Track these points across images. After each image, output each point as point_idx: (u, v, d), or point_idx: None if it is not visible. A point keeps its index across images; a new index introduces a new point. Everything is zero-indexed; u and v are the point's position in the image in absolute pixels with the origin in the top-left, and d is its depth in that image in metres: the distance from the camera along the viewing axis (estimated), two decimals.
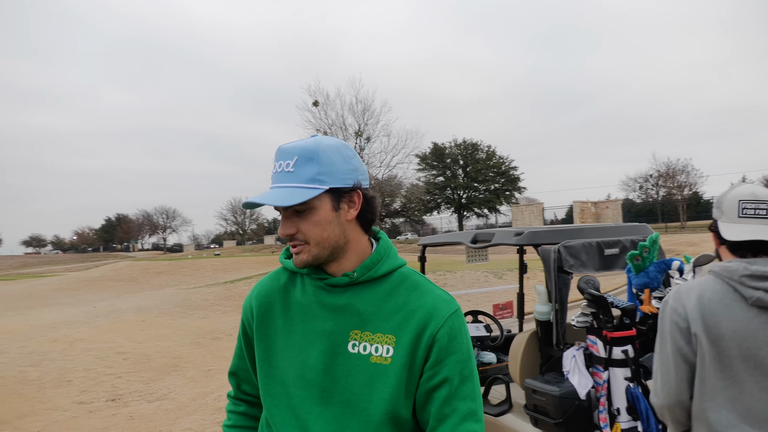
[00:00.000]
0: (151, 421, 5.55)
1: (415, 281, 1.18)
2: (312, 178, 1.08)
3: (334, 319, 1.13)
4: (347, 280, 1.14)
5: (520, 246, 3.81)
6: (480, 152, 54.06)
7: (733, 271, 1.48)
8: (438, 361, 1.10)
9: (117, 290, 23.53)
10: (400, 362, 1.09)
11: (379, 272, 1.16)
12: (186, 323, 12.34)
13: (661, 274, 2.69)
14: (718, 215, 1.65)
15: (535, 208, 38.10)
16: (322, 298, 1.15)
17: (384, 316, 1.12)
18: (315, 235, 1.10)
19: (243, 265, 30.22)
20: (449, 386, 1.09)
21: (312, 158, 1.09)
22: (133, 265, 32.95)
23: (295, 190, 1.07)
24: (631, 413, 2.59)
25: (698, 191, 44.63)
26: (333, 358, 1.11)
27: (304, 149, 1.09)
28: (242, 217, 76.42)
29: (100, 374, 7.80)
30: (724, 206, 1.62)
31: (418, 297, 1.14)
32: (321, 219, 1.10)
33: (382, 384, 1.09)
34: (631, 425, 2.58)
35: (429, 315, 1.11)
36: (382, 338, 1.11)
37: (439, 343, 1.10)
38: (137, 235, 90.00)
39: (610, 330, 2.63)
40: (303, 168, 1.08)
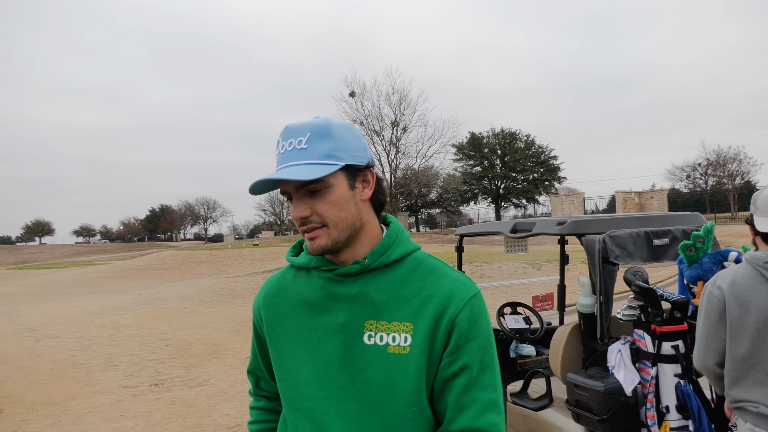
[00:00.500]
0: (191, 406, 5.69)
1: (431, 265, 1.11)
2: (327, 154, 1.02)
3: (347, 311, 1.07)
4: (358, 268, 1.07)
5: (561, 236, 3.68)
6: (518, 141, 53.11)
7: (759, 258, 1.82)
8: (457, 347, 1.03)
9: (161, 278, 24.32)
10: (419, 350, 1.02)
11: (391, 257, 1.09)
12: (225, 311, 12.62)
13: (716, 266, 2.52)
14: (754, 210, 1.96)
15: (575, 198, 37.16)
16: (332, 290, 1.09)
17: (399, 303, 1.06)
18: (333, 215, 1.03)
19: (280, 255, 30.70)
20: (468, 374, 1.03)
21: (325, 134, 1.03)
22: (175, 254, 33.99)
23: (310, 166, 1.00)
24: (681, 411, 2.46)
25: (750, 180, 42.54)
26: (348, 352, 1.05)
27: (316, 125, 1.03)
28: (280, 207, 77.66)
29: (144, 359, 8.06)
30: (759, 203, 1.93)
31: (434, 281, 1.07)
32: (338, 198, 1.03)
33: (403, 375, 1.02)
34: (682, 424, 2.45)
35: (447, 299, 1.04)
36: (399, 326, 1.04)
37: (458, 327, 1.03)
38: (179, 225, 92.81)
39: (659, 324, 2.49)
40: (317, 144, 1.02)
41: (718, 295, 1.86)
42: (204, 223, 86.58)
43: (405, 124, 35.46)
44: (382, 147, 35.52)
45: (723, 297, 1.85)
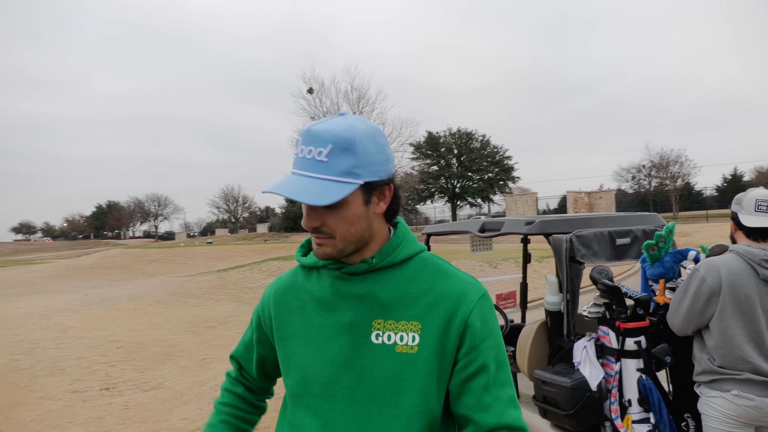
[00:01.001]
0: (146, 410, 5.48)
1: (438, 265, 1.12)
2: (347, 171, 0.98)
3: (355, 309, 1.07)
4: (366, 267, 1.07)
5: (525, 235, 3.75)
6: (474, 141, 53.99)
7: (754, 254, 2.17)
8: (473, 348, 1.04)
9: (109, 278, 23.34)
10: (428, 350, 1.03)
11: (398, 257, 1.09)
12: (180, 312, 12.24)
13: (676, 264, 2.63)
14: (738, 209, 2.33)
15: (528, 197, 38.15)
16: (340, 289, 1.09)
17: (407, 302, 1.06)
18: (342, 230, 1.02)
19: (236, 253, 30.07)
20: (487, 374, 1.04)
21: (348, 148, 0.98)
22: (124, 252, 32.69)
23: (327, 183, 0.97)
24: (643, 405, 2.55)
25: (690, 182, 44.86)
26: (355, 351, 1.05)
27: (339, 137, 0.97)
28: (235, 205, 76.10)
29: (93, 363, 7.70)
30: (744, 203, 2.30)
31: (442, 281, 1.08)
32: (351, 214, 1.02)
33: (410, 374, 1.03)
34: (643, 416, 2.54)
35: (458, 299, 1.05)
36: (406, 326, 1.05)
37: (471, 328, 1.04)
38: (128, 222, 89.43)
39: (623, 321, 2.58)
40: (338, 159, 0.97)
41: (712, 283, 2.19)
42: (154, 220, 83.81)
43: None
44: None
45: (718, 285, 2.18)
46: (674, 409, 2.66)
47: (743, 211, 2.30)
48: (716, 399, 2.23)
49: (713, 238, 18.71)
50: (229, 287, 15.42)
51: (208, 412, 5.14)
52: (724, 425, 2.20)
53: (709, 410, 2.27)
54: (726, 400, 2.19)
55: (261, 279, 16.13)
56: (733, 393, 2.17)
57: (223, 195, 76.46)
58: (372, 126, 1.05)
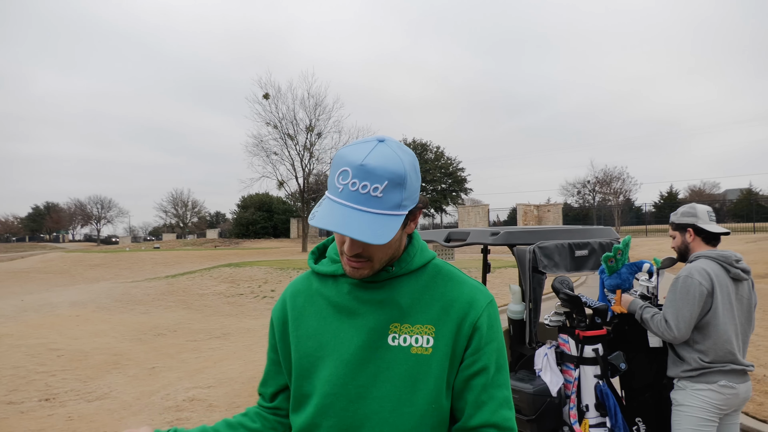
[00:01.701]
0: (92, 421, 5.23)
1: (449, 272, 1.20)
2: (398, 204, 1.03)
3: (374, 313, 1.13)
4: (386, 275, 1.14)
5: (485, 246, 3.85)
6: (429, 152, 54.77)
7: (727, 256, 2.52)
8: (478, 349, 1.12)
9: (47, 283, 22.10)
10: (441, 352, 1.10)
11: (414, 265, 1.17)
12: (126, 319, 11.76)
13: (632, 275, 2.79)
14: (695, 220, 2.65)
15: (480, 209, 38.97)
16: (359, 295, 1.15)
17: (422, 307, 1.13)
18: (381, 255, 1.09)
19: (184, 259, 29.16)
20: (486, 374, 1.11)
21: (401, 184, 1.02)
22: (64, 256, 31.05)
23: (381, 218, 1.00)
24: (600, 409, 2.67)
25: (631, 198, 47.14)
26: (372, 352, 1.11)
27: (394, 174, 1.01)
28: (183, 209, 73.88)
29: (31, 372, 7.28)
30: (699, 214, 2.65)
31: (454, 287, 1.16)
32: (392, 242, 1.09)
33: (425, 374, 1.09)
34: (599, 421, 2.67)
35: (469, 305, 1.13)
36: (421, 329, 1.11)
37: (479, 331, 1.12)
38: (68, 225, 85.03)
39: (583, 329, 2.70)
40: (391, 194, 1.01)
41: (707, 285, 2.44)
42: (97, 223, 79.96)
43: (320, 130, 35.22)
44: (295, 151, 35.01)
45: (711, 286, 2.44)
46: (626, 413, 2.80)
47: (701, 221, 2.62)
48: (703, 391, 2.43)
49: (652, 252, 19.73)
50: (178, 294, 14.93)
51: (159, 422, 4.97)
52: (707, 414, 2.42)
53: (694, 402, 2.45)
54: (713, 391, 2.42)
55: (212, 286, 15.72)
56: (721, 384, 2.41)
57: (171, 199, 74.11)
58: (412, 154, 1.09)
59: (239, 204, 55.70)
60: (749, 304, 2.55)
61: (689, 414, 2.46)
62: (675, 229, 2.71)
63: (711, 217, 2.64)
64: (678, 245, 2.70)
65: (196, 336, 9.91)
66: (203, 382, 6.34)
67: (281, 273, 17.25)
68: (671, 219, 2.76)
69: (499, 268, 16.33)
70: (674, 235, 2.72)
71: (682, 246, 2.68)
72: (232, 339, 9.53)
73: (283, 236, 51.06)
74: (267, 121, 34.46)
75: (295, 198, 39.13)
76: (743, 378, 2.47)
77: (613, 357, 2.68)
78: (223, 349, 8.60)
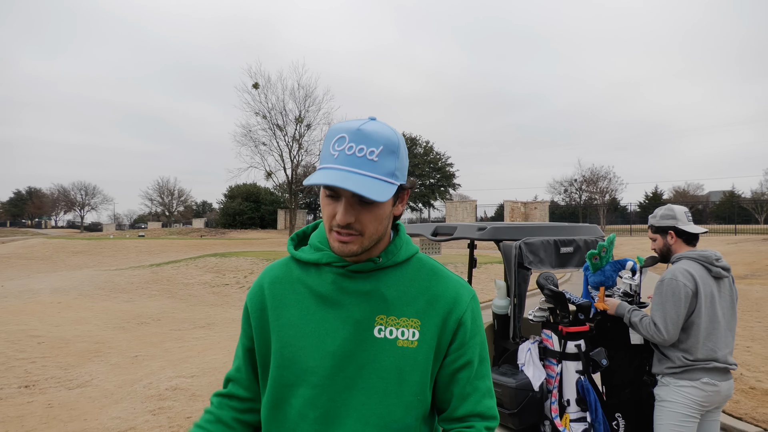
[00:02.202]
0: (73, 409, 5.18)
1: (433, 266, 1.21)
2: (391, 172, 1.05)
3: (359, 305, 1.13)
4: (372, 266, 1.14)
5: (472, 241, 3.87)
6: (418, 147, 54.80)
7: (707, 256, 2.57)
8: (463, 343, 1.14)
9: (28, 269, 21.79)
10: (427, 345, 1.12)
11: (400, 258, 1.17)
12: (108, 306, 11.64)
13: (615, 273, 2.82)
14: (674, 222, 2.69)
15: (468, 204, 39.11)
16: (345, 285, 1.14)
17: (408, 300, 1.14)
18: (372, 228, 1.08)
19: (169, 248, 28.91)
20: (471, 367, 1.15)
21: (395, 152, 1.06)
22: (46, 242, 30.57)
23: (379, 182, 1.02)
24: (580, 404, 2.71)
25: (617, 197, 47.63)
26: (358, 344, 1.11)
27: (388, 140, 1.05)
28: (169, 198, 73.15)
29: (10, 358, 7.18)
30: (677, 215, 2.70)
31: (439, 282, 1.17)
32: (383, 214, 1.09)
33: (411, 367, 1.11)
34: (580, 416, 2.70)
35: (454, 300, 1.15)
36: (407, 322, 1.12)
37: (464, 326, 1.14)
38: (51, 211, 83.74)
39: (566, 325, 2.73)
40: (386, 160, 1.04)
41: (692, 286, 2.49)
42: (81, 210, 78.75)
43: (309, 121, 35.02)
44: (284, 142, 34.77)
45: (695, 287, 2.49)
46: (606, 408, 2.84)
47: (680, 223, 2.68)
48: (686, 388, 2.49)
49: (636, 251, 19.99)
50: (162, 282, 14.81)
51: (142, 411, 4.94)
52: (689, 410, 2.48)
53: (677, 398, 2.50)
54: (695, 388, 2.48)
55: (197, 275, 15.61)
56: (703, 381, 2.47)
57: (157, 187, 73.31)
58: (401, 135, 1.13)
59: (226, 194, 55.29)
60: (731, 299, 2.63)
61: (671, 410, 2.51)
62: (655, 231, 2.75)
63: (689, 217, 2.72)
64: (659, 247, 2.75)
65: (180, 325, 9.85)
66: (186, 372, 6.31)
67: (267, 264, 17.18)
68: (650, 222, 2.79)
69: (485, 264, 16.43)
70: (655, 238, 2.75)
71: (664, 248, 2.73)
72: (217, 329, 9.49)
73: (270, 227, 50.80)
74: (256, 111, 34.20)
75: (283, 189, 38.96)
76: (726, 376, 2.53)
77: (595, 353, 2.71)
78: (207, 339, 8.55)
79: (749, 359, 6.17)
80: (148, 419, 4.72)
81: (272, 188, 48.77)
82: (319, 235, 1.22)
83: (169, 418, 4.75)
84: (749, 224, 37.45)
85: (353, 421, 1.08)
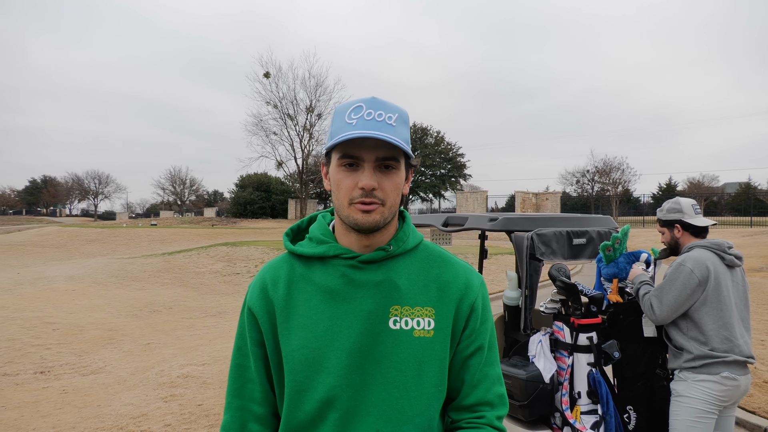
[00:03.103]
0: (86, 395, 5.26)
1: (440, 253, 1.19)
2: (406, 140, 1.08)
3: (372, 297, 1.08)
4: (384, 254, 1.10)
5: (483, 231, 3.83)
6: (429, 137, 54.51)
7: (720, 244, 2.57)
8: (474, 329, 1.13)
9: (43, 257, 22.11)
10: (443, 334, 1.09)
11: (410, 245, 1.15)
12: (121, 294, 11.79)
13: (629, 265, 2.78)
14: (681, 215, 2.69)
15: (479, 195, 38.93)
16: (355, 277, 1.09)
17: (420, 288, 1.11)
18: (393, 196, 1.07)
19: (181, 237, 29.14)
20: (482, 354, 1.13)
21: (406, 122, 1.09)
22: (61, 230, 30.97)
23: (396, 145, 1.03)
24: (591, 397, 2.68)
25: (630, 189, 47.13)
26: (374, 338, 1.06)
27: (401, 111, 1.08)
28: (181, 187, 73.63)
29: (26, 345, 7.31)
30: (684, 208, 2.70)
31: (448, 269, 1.15)
32: (401, 182, 1.08)
33: (429, 357, 1.08)
34: (591, 408, 2.68)
35: (465, 286, 1.13)
36: (422, 311, 1.09)
37: (476, 312, 1.13)
38: (65, 199, 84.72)
39: (578, 317, 2.70)
40: (402, 128, 1.07)
41: (700, 275, 2.47)
42: (94, 198, 79.53)
43: (320, 111, 35.02)
44: (295, 132, 34.82)
45: (705, 276, 2.47)
46: (618, 401, 2.81)
47: (686, 216, 2.68)
48: (705, 383, 2.45)
49: (649, 243, 19.79)
50: (174, 271, 14.95)
51: (153, 398, 5.00)
52: (708, 405, 2.44)
53: (696, 393, 2.46)
54: (715, 382, 2.43)
55: (209, 264, 15.73)
56: (723, 375, 2.43)
57: (169, 176, 73.76)
58: None
59: (237, 183, 55.52)
60: (744, 289, 2.61)
61: (689, 405, 2.47)
62: (663, 225, 2.77)
63: (696, 210, 2.70)
64: (668, 241, 2.76)
65: (192, 314, 9.94)
66: (198, 360, 6.37)
67: (278, 254, 17.26)
68: (658, 216, 2.81)
69: (495, 255, 16.36)
70: (663, 231, 2.78)
71: (672, 241, 2.74)
72: (228, 318, 9.57)
73: (281, 217, 50.99)
74: (267, 101, 34.27)
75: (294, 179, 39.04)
76: (744, 370, 2.49)
77: (607, 345, 2.68)
78: (218, 328, 8.63)
79: (764, 353, 6.09)
80: (160, 406, 4.78)
81: (283, 178, 48.88)
82: (320, 228, 1.16)
83: (180, 405, 4.80)
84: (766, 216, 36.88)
85: (374, 418, 1.03)
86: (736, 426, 4.21)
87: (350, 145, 1.02)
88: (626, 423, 2.79)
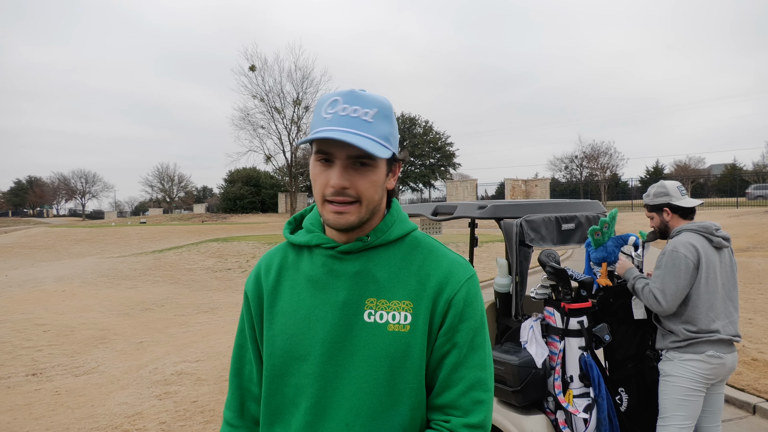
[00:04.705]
0: (80, 395, 5.23)
1: (430, 245, 1.14)
2: (385, 136, 1.04)
3: (348, 288, 1.06)
4: (361, 245, 1.08)
5: (473, 219, 3.84)
6: (417, 127, 54.43)
7: (707, 226, 2.59)
8: (451, 327, 1.06)
9: (31, 258, 21.87)
10: (420, 330, 1.04)
11: (392, 236, 1.11)
12: (112, 294, 11.71)
13: (617, 249, 2.80)
14: (668, 198, 2.70)
15: (468, 184, 39.00)
16: (334, 267, 1.08)
17: (400, 281, 1.07)
18: (369, 195, 1.04)
19: (171, 234, 28.95)
20: (458, 353, 1.05)
21: (388, 116, 1.05)
22: (48, 231, 30.62)
23: (372, 142, 1.00)
24: (584, 380, 2.71)
25: (617, 173, 47.41)
26: (347, 330, 1.04)
27: (381, 104, 1.04)
28: (170, 184, 73.07)
29: (17, 347, 7.25)
30: (670, 191, 2.71)
31: (433, 261, 1.10)
32: (378, 180, 1.05)
33: (403, 353, 1.03)
34: (583, 391, 2.71)
35: (445, 279, 1.07)
36: (399, 305, 1.05)
37: (454, 308, 1.05)
38: (52, 199, 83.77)
39: (568, 302, 2.71)
40: (381, 123, 1.02)
41: (693, 258, 2.50)
42: (81, 198, 78.71)
43: (307, 103, 34.74)
44: (282, 125, 34.56)
45: (697, 259, 2.50)
46: (610, 383, 2.84)
47: (674, 199, 2.70)
48: (691, 362, 2.49)
49: (638, 226, 19.97)
50: (165, 269, 14.86)
51: (148, 396, 4.98)
52: (695, 383, 2.49)
53: (683, 372, 2.50)
54: (700, 361, 2.48)
55: (200, 261, 15.66)
56: (708, 354, 2.47)
57: (157, 173, 73.22)
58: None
59: (226, 178, 55.19)
60: (732, 270, 2.65)
61: (677, 384, 2.51)
62: (651, 210, 2.79)
63: (682, 192, 2.72)
64: (657, 225, 2.78)
65: (184, 310, 9.90)
66: (191, 356, 6.35)
67: (269, 248, 17.20)
68: (645, 201, 2.83)
69: (486, 242, 16.43)
70: (651, 216, 2.80)
71: (662, 225, 2.76)
72: (220, 313, 9.54)
73: (271, 211, 50.80)
74: (253, 94, 33.95)
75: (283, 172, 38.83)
76: (730, 348, 2.53)
77: (598, 329, 2.70)
78: (211, 324, 8.61)
79: (751, 331, 6.19)
80: (155, 404, 4.77)
81: (272, 172, 48.61)
82: (312, 217, 1.17)
83: (175, 402, 4.79)
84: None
85: (345, 411, 1.02)
86: (725, 404, 4.28)
87: (323, 142, 1.01)
88: (618, 404, 2.82)
